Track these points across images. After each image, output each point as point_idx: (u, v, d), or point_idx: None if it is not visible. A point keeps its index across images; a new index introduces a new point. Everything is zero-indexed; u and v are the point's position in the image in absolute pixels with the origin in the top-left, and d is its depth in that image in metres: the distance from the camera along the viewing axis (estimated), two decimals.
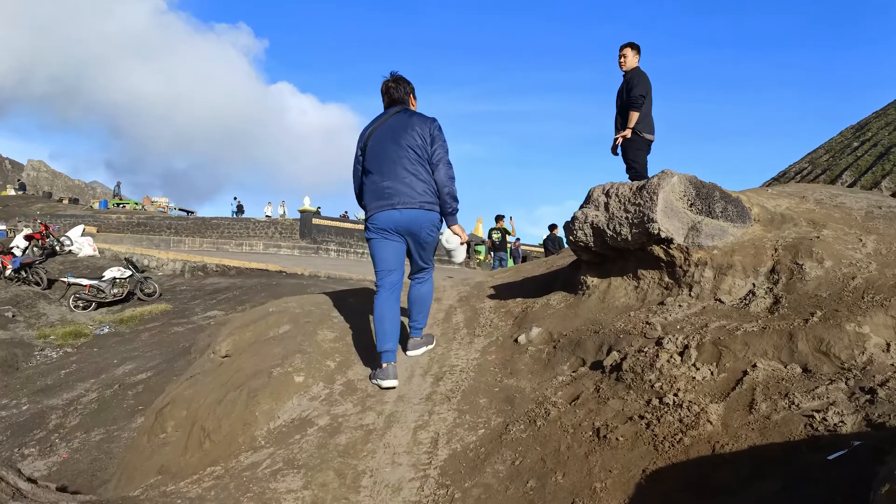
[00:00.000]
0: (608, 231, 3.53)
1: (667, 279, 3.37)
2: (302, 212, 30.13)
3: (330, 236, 29.32)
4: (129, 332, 12.32)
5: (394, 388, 3.34)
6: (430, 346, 3.84)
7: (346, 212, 37.00)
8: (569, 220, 3.86)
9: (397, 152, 3.47)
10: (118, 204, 37.25)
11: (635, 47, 6.06)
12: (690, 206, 3.36)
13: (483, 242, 33.19)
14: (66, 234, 21.49)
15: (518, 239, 23.49)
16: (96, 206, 35.74)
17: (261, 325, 4.25)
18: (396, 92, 3.67)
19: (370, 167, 3.56)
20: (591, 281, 3.78)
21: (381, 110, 3.73)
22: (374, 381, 3.42)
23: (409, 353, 3.73)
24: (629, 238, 3.42)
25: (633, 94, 5.84)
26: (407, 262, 3.70)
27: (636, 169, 6.19)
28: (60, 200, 38.14)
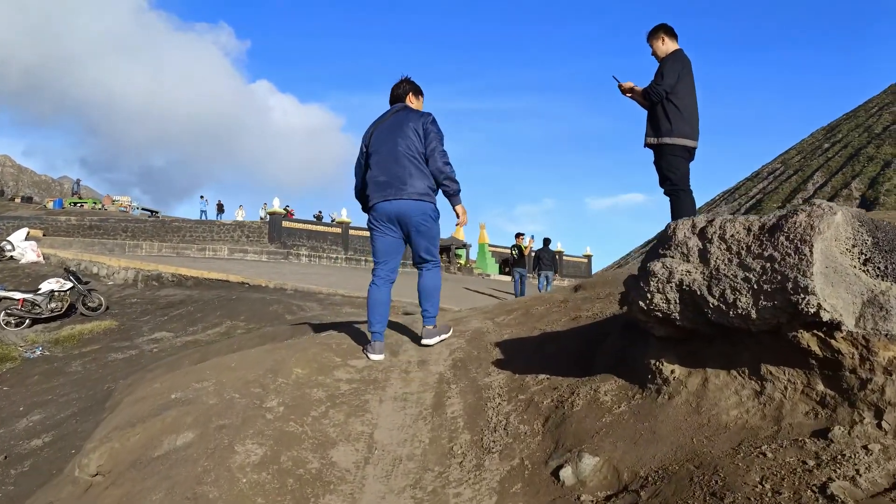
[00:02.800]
0: (711, 299, 2.12)
1: (822, 388, 1.97)
2: (271, 214, 28.32)
3: (301, 240, 27.58)
4: (61, 357, 10.63)
5: (381, 360, 3.63)
6: (447, 336, 3.92)
7: (320, 211, 35.25)
8: (635, 274, 2.44)
9: (393, 148, 3.69)
10: (75, 203, 34.81)
11: (656, 33, 4.65)
12: (864, 264, 1.96)
13: (464, 246, 31.88)
14: (8, 238, 19.58)
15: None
16: (50, 205, 33.28)
17: (153, 427, 2.75)
18: (398, 89, 3.93)
19: (371, 162, 3.78)
20: (673, 372, 2.37)
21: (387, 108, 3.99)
22: (364, 353, 3.71)
23: (424, 341, 3.82)
24: (752, 314, 2.01)
25: (653, 80, 4.51)
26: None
27: (672, 180, 4.76)
28: (12, 199, 35.73)
